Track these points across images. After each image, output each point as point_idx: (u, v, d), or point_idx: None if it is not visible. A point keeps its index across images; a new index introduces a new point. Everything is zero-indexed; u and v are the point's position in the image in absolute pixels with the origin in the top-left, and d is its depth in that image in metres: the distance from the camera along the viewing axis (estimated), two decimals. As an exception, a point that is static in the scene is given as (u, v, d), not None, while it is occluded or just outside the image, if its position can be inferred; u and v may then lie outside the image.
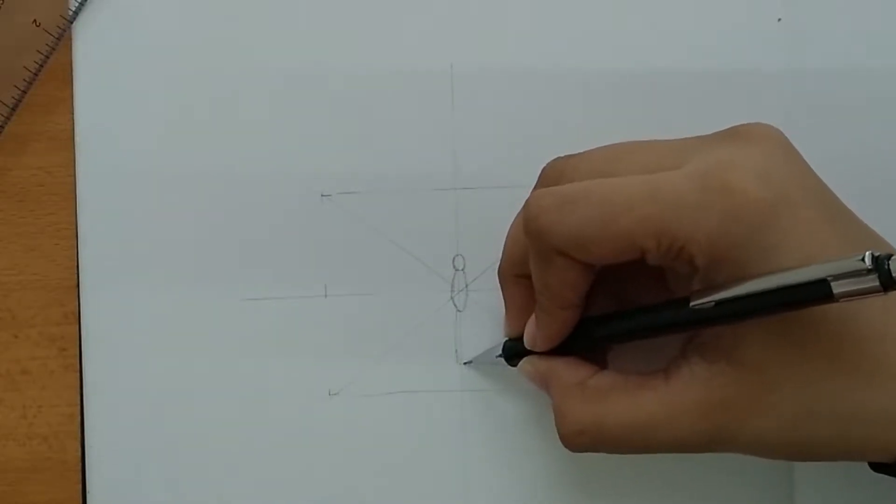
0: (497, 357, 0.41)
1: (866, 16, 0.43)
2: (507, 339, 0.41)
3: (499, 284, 0.40)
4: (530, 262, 0.36)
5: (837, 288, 0.30)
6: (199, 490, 0.42)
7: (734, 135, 0.35)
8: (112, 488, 0.42)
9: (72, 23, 0.42)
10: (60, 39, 0.42)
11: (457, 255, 0.43)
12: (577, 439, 0.36)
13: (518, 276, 0.39)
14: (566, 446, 0.36)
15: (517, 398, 0.42)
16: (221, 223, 0.43)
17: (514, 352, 0.40)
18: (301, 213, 0.42)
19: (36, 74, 0.42)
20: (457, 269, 0.43)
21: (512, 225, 0.40)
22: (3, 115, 0.42)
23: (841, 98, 0.42)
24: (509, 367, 0.40)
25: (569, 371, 0.37)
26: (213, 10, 0.43)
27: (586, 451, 0.36)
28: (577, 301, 0.36)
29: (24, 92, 0.42)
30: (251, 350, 0.42)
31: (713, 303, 0.33)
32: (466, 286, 0.42)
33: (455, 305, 0.42)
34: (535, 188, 0.38)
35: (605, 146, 0.37)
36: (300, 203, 0.42)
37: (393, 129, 0.43)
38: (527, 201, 0.35)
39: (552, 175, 0.38)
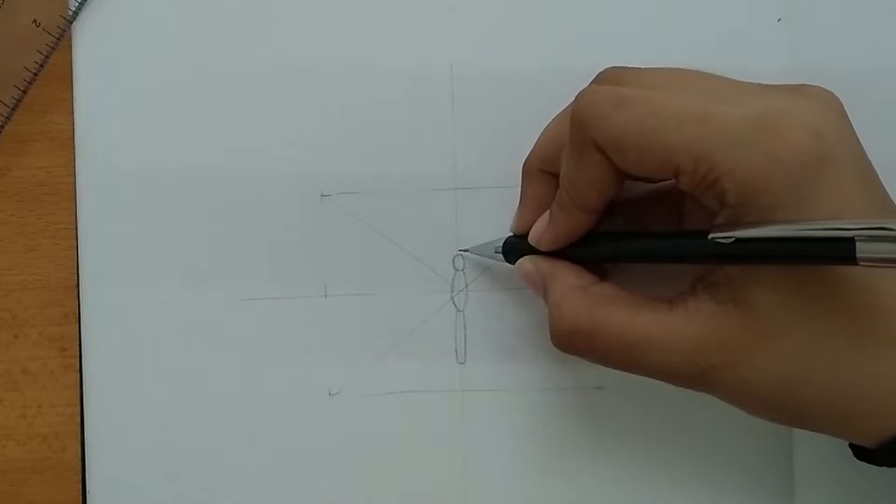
0: (496, 252, 0.41)
1: (866, 16, 0.43)
2: (509, 235, 0.41)
3: (521, 177, 0.40)
4: (563, 155, 0.36)
5: (862, 250, 0.29)
6: (199, 490, 0.42)
7: (795, 90, 0.35)
8: (112, 488, 0.42)
9: (72, 23, 0.42)
10: (60, 39, 0.42)
11: (457, 255, 0.42)
12: (571, 339, 0.36)
13: (543, 172, 0.39)
14: (558, 345, 0.36)
15: (519, 397, 0.42)
16: (221, 223, 0.43)
17: (514, 248, 0.40)
18: (301, 213, 0.42)
19: (36, 74, 0.42)
20: (457, 269, 0.42)
21: (553, 119, 0.39)
22: (3, 115, 0.42)
23: (841, 98, 0.42)
24: (510, 367, 0.40)
25: (572, 274, 0.37)
26: (213, 11, 0.43)
27: (576, 353, 0.36)
28: (597, 205, 0.36)
29: (25, 92, 0.42)
30: (251, 350, 0.42)
31: (733, 239, 0.32)
32: (466, 286, 0.42)
33: (455, 305, 0.42)
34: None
35: (669, 68, 0.37)
36: (300, 203, 0.42)
37: (393, 129, 0.43)
38: (580, 92, 0.35)
39: (610, 78, 0.37)
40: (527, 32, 0.43)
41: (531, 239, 0.38)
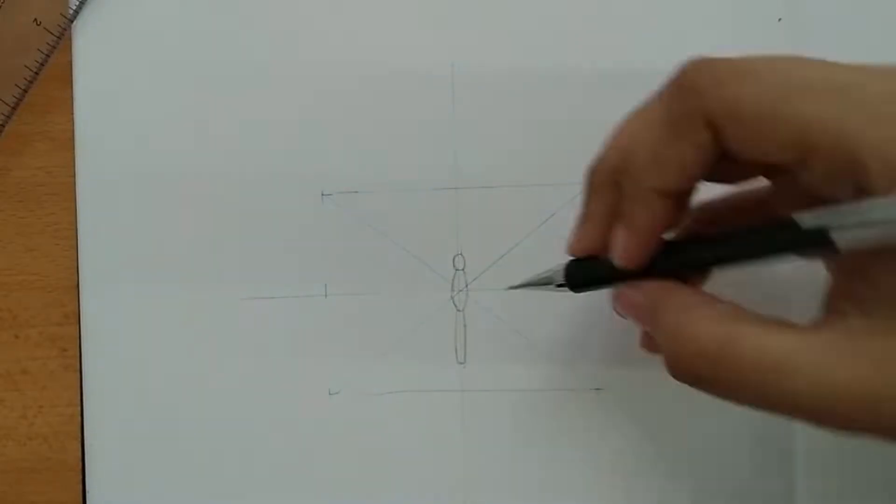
0: (557, 286, 0.36)
1: (867, 16, 0.43)
2: (569, 260, 0.36)
3: (584, 185, 0.35)
4: (647, 134, 0.31)
5: None
6: (199, 490, 0.42)
7: None
8: (112, 488, 0.42)
9: (72, 22, 0.42)
10: (61, 39, 0.42)
11: (457, 255, 0.42)
12: (695, 361, 0.30)
13: (615, 183, 0.33)
14: (675, 369, 0.31)
15: (519, 398, 0.42)
16: (221, 223, 0.43)
17: (584, 274, 0.35)
18: (302, 212, 0.42)
19: (37, 74, 0.42)
20: (457, 269, 0.42)
21: (629, 117, 0.34)
22: (3, 115, 0.42)
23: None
24: (510, 367, 0.40)
25: (685, 292, 0.32)
26: (214, 11, 0.43)
27: (701, 383, 0.31)
28: (681, 189, 0.31)
29: (25, 91, 0.42)
30: (251, 349, 0.42)
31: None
32: (466, 286, 0.42)
33: (455, 305, 0.42)
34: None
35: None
36: (301, 202, 0.42)
37: (393, 129, 0.43)
38: (683, 64, 0.31)
39: (703, 64, 0.31)
40: (527, 32, 0.43)
41: (618, 257, 0.33)
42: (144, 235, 0.43)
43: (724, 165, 0.31)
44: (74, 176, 0.43)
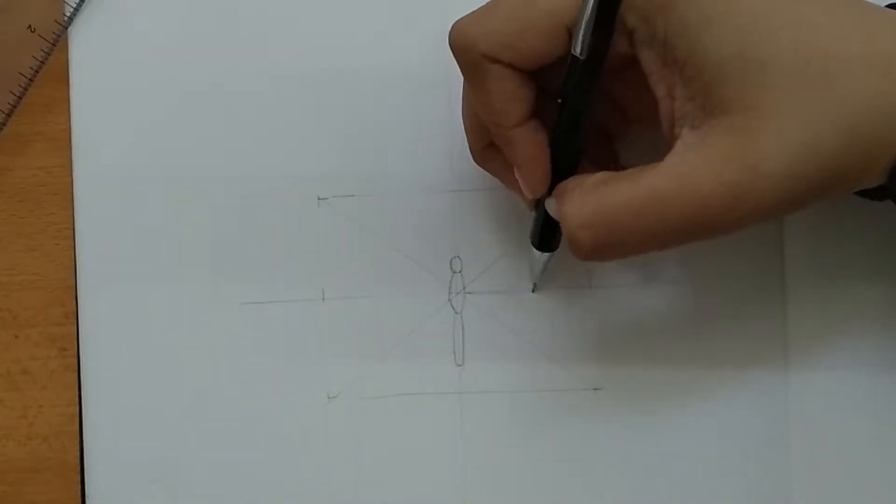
0: (541, 255, 0.39)
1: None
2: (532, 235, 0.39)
3: (481, 168, 0.39)
4: (468, 96, 0.37)
5: None
6: (198, 491, 0.42)
7: None
8: (111, 488, 0.42)
9: (67, 28, 0.42)
10: (55, 44, 0.42)
11: (454, 257, 0.42)
12: (582, 234, 0.33)
13: (488, 148, 0.38)
14: (576, 252, 0.34)
15: (517, 399, 0.42)
16: (218, 226, 0.43)
17: (537, 231, 0.39)
18: (298, 216, 0.42)
19: (31, 80, 0.42)
20: (454, 272, 0.42)
21: (462, 107, 0.39)
22: (-1, 121, 0.42)
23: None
24: (508, 368, 0.41)
25: (572, 181, 0.36)
26: (208, 13, 0.43)
27: (598, 252, 0.34)
28: (526, 112, 0.35)
29: (20, 97, 0.42)
30: (249, 353, 0.42)
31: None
32: (464, 288, 0.42)
33: (453, 307, 0.42)
34: None
35: None
36: (297, 207, 0.42)
37: (389, 132, 0.42)
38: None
39: None
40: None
41: (527, 191, 0.37)
42: (142, 238, 0.43)
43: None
44: (71, 177, 0.43)
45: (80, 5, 0.42)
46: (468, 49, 0.34)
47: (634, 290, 0.42)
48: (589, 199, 0.33)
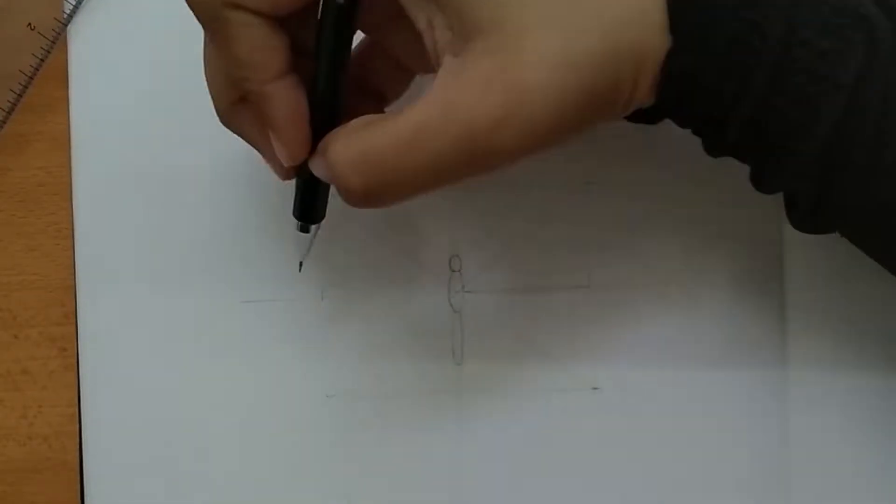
0: (301, 228, 0.37)
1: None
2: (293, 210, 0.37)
3: (230, 130, 0.37)
4: (210, 52, 0.34)
5: None
6: (197, 490, 0.42)
7: None
8: (111, 488, 0.42)
9: (66, 26, 0.42)
10: (55, 43, 0.42)
11: (454, 257, 0.42)
12: (352, 180, 0.32)
13: (241, 105, 0.35)
14: (349, 198, 0.32)
15: (516, 398, 0.42)
16: (219, 225, 0.43)
17: (301, 199, 0.37)
18: (298, 215, 0.42)
19: (31, 78, 0.42)
20: (453, 271, 0.42)
21: (204, 62, 0.36)
22: (-1, 119, 0.42)
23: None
24: (507, 368, 0.41)
25: (335, 131, 0.33)
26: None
27: (372, 196, 0.32)
28: (280, 66, 0.33)
29: (20, 95, 0.42)
30: (249, 352, 0.42)
31: None
32: (463, 287, 0.42)
33: (452, 306, 0.42)
34: None
35: None
36: (297, 205, 0.42)
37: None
38: None
39: None
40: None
41: (285, 162, 0.35)
42: (142, 237, 0.43)
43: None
44: (70, 176, 0.43)
45: (80, 3, 0.42)
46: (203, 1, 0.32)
47: (634, 291, 0.42)
48: (354, 142, 0.32)
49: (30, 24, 0.42)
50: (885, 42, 0.30)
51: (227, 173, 0.43)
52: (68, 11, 0.42)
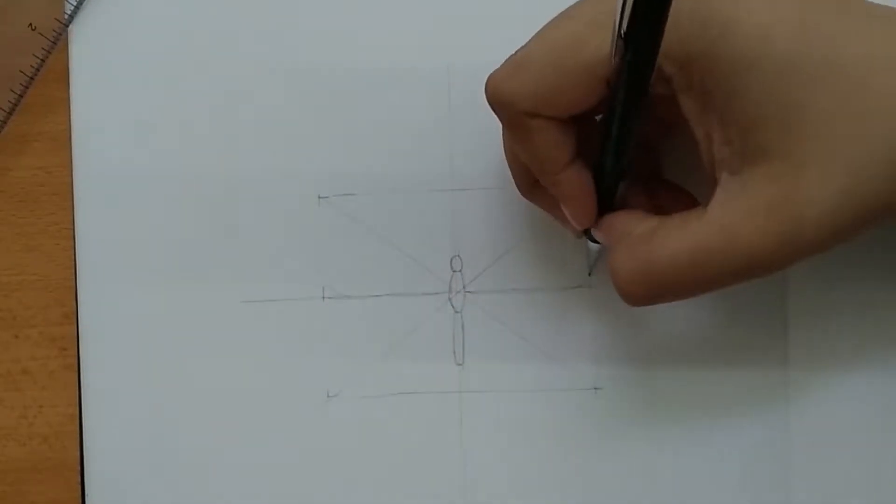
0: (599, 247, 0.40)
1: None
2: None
3: (533, 204, 0.40)
4: (511, 145, 0.37)
5: None
6: (198, 491, 0.42)
7: None
8: (111, 488, 0.42)
9: (67, 26, 0.42)
10: (56, 43, 0.42)
11: (454, 256, 0.42)
12: (631, 289, 0.35)
13: (538, 185, 0.38)
14: (626, 301, 0.35)
15: (517, 398, 0.42)
16: (219, 225, 0.43)
17: (589, 241, 0.40)
18: (299, 215, 0.42)
19: (32, 78, 0.42)
20: (455, 270, 0.42)
21: (504, 150, 0.39)
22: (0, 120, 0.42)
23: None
24: (508, 368, 0.41)
25: (620, 223, 0.37)
26: (209, 11, 0.43)
27: (648, 302, 0.35)
28: (569, 157, 0.35)
29: (21, 96, 0.42)
30: (249, 352, 0.42)
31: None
32: (464, 287, 0.42)
33: (453, 306, 0.42)
34: None
35: None
36: (298, 205, 0.42)
37: (390, 131, 0.42)
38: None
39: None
40: (524, 32, 0.42)
41: (574, 228, 0.38)
42: (142, 237, 0.43)
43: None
44: (72, 177, 0.43)
45: (81, 3, 0.42)
46: (506, 106, 0.35)
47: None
48: (636, 254, 0.34)
49: (31, 24, 0.42)
50: None
51: (229, 173, 0.43)
52: (69, 12, 0.42)
